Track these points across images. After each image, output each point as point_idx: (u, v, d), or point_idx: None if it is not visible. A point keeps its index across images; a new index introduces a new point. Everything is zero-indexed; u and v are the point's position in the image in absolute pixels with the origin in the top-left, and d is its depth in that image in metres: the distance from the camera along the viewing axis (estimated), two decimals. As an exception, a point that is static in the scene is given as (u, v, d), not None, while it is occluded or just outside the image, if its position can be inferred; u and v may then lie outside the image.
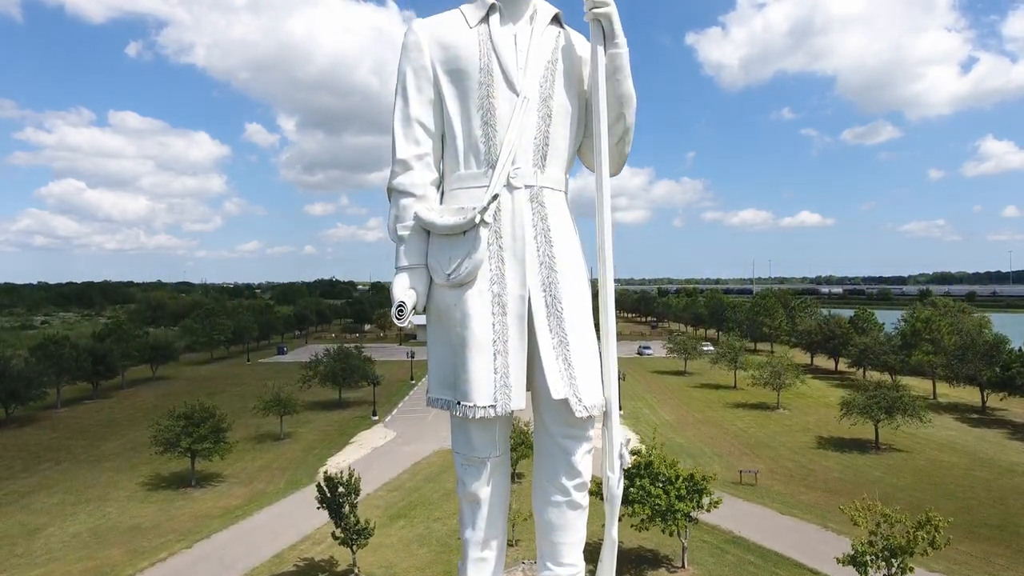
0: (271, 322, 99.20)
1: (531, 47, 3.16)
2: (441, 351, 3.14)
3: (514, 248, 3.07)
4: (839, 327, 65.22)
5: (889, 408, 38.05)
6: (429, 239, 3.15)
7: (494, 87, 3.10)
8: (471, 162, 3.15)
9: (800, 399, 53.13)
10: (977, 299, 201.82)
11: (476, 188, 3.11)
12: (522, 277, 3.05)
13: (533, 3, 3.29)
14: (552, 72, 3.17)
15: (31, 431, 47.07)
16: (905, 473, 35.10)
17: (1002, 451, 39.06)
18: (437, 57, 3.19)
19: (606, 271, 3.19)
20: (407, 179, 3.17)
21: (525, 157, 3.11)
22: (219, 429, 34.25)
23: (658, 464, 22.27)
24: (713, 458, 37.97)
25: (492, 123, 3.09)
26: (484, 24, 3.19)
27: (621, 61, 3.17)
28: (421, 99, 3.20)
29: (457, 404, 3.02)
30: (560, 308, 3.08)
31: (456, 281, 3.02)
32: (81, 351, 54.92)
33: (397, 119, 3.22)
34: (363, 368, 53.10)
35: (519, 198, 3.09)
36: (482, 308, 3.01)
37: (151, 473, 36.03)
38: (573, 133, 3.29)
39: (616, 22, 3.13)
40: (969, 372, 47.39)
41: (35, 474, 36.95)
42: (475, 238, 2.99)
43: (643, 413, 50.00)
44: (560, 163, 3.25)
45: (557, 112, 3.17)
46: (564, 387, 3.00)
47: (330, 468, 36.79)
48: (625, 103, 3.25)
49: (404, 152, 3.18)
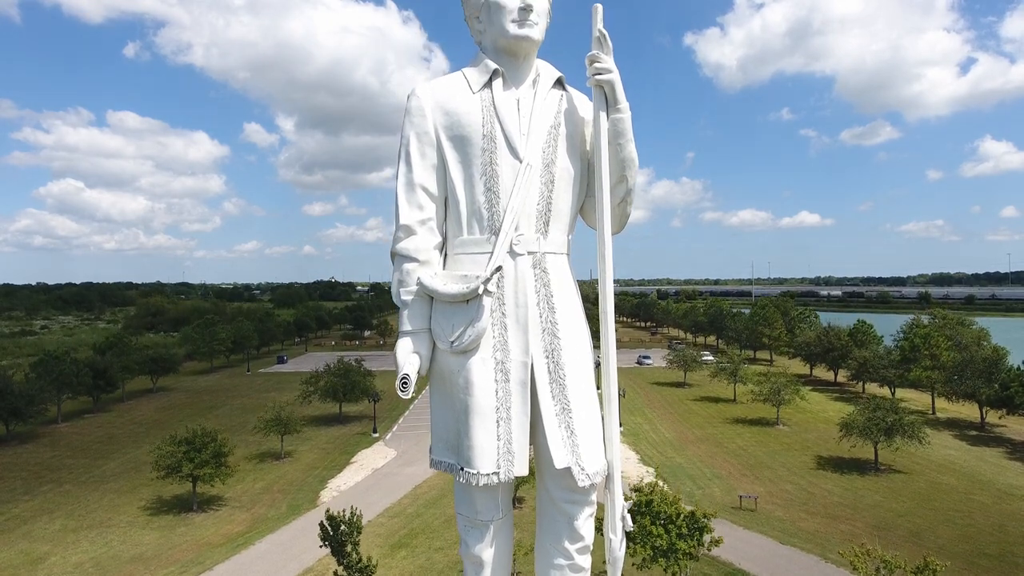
0: (271, 330, 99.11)
1: (534, 112, 3.19)
2: (444, 414, 3.19)
3: (517, 315, 3.11)
4: (838, 339, 65.31)
5: (888, 430, 38.16)
6: (432, 304, 3.19)
7: (497, 154, 3.13)
8: (474, 228, 3.18)
9: (799, 414, 53.25)
10: (976, 302, 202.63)
11: (479, 254, 3.15)
12: (525, 344, 3.09)
13: (536, 67, 3.33)
14: (555, 137, 3.21)
15: (32, 448, 47.12)
16: (904, 497, 35.21)
17: (1000, 472, 39.19)
18: (440, 122, 3.21)
19: (608, 337, 3.22)
20: (410, 244, 3.20)
21: (528, 223, 3.15)
22: (220, 453, 34.30)
23: (659, 503, 22.34)
24: (713, 480, 38.08)
25: (495, 190, 3.12)
26: (487, 89, 3.22)
27: (623, 126, 3.21)
28: (424, 164, 3.23)
29: (461, 470, 3.06)
30: (563, 375, 3.11)
31: (459, 349, 3.06)
32: (81, 366, 54.92)
33: (401, 184, 3.24)
34: (363, 384, 53.10)
35: (522, 265, 3.14)
36: (485, 376, 3.04)
37: (152, 496, 36.08)
38: (575, 196, 3.34)
39: (619, 89, 3.17)
40: (968, 389, 47.51)
41: (37, 496, 37.01)
42: (478, 306, 3.02)
43: (643, 429, 50.11)
44: (562, 227, 3.30)
45: (560, 177, 3.21)
46: (567, 455, 3.04)
47: (331, 490, 37.03)
48: (627, 166, 3.28)
49: (407, 218, 3.20)
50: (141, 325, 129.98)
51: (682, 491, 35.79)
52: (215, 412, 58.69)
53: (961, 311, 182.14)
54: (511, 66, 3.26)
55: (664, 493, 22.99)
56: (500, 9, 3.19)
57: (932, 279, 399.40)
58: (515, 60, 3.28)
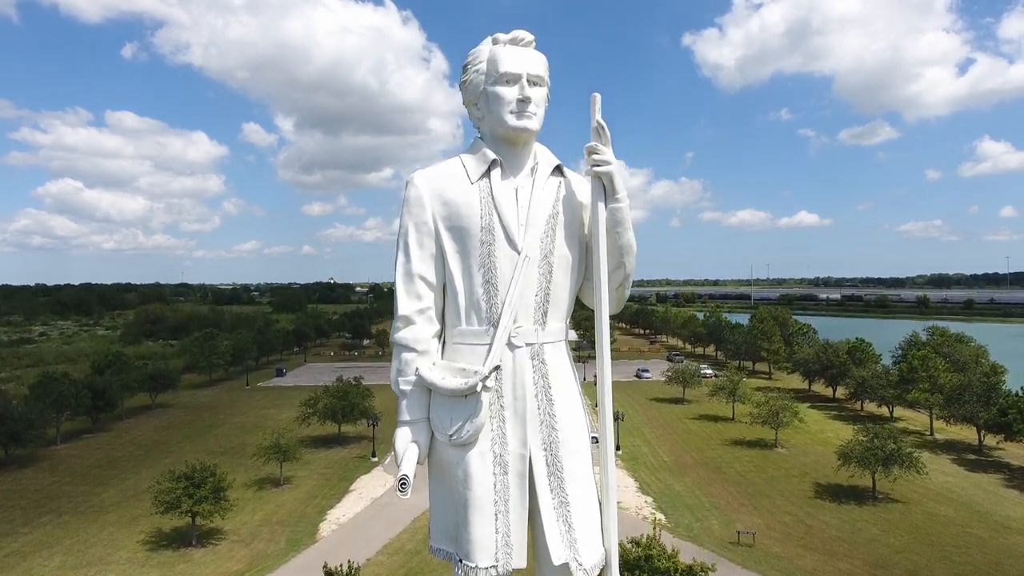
0: (270, 341, 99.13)
1: (532, 202, 3.20)
2: (443, 503, 3.22)
3: (515, 407, 3.14)
4: (836, 356, 65.40)
5: (886, 460, 38.25)
6: (431, 395, 3.21)
7: (495, 245, 3.15)
8: (472, 319, 3.19)
9: (798, 435, 53.29)
10: (975, 306, 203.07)
11: (478, 345, 3.17)
12: (523, 436, 3.12)
13: (534, 153, 3.35)
14: (553, 227, 3.23)
15: (31, 474, 47.15)
16: (902, 530, 35.31)
17: (998, 502, 39.30)
18: (439, 213, 3.23)
19: (606, 430, 3.22)
20: (409, 334, 3.22)
21: (526, 315, 3.17)
22: (219, 488, 34.35)
23: (657, 557, 22.41)
24: (711, 511, 38.17)
25: (494, 282, 3.14)
26: (486, 179, 3.23)
27: (621, 215, 3.23)
28: (423, 254, 3.25)
29: (459, 562, 3.09)
30: (561, 468, 3.14)
31: (458, 443, 3.09)
32: (80, 387, 54.94)
33: (399, 274, 3.27)
34: (362, 406, 53.17)
35: (520, 357, 3.16)
36: (483, 469, 3.07)
37: (151, 529, 36.09)
38: (573, 283, 3.37)
39: (617, 180, 3.19)
40: (966, 413, 47.65)
41: (36, 528, 37.04)
42: (476, 402, 3.04)
43: (642, 452, 50.21)
44: (560, 315, 3.32)
45: (558, 266, 3.24)
46: (564, 551, 3.07)
47: (330, 523, 37.11)
48: (625, 253, 3.31)
49: (406, 308, 3.22)
50: (140, 332, 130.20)
51: (680, 525, 36.07)
52: (214, 432, 58.75)
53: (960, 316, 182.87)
54: (509, 154, 3.28)
55: (662, 547, 23.03)
56: (498, 100, 3.20)
57: (931, 280, 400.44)
58: (513, 148, 3.29)
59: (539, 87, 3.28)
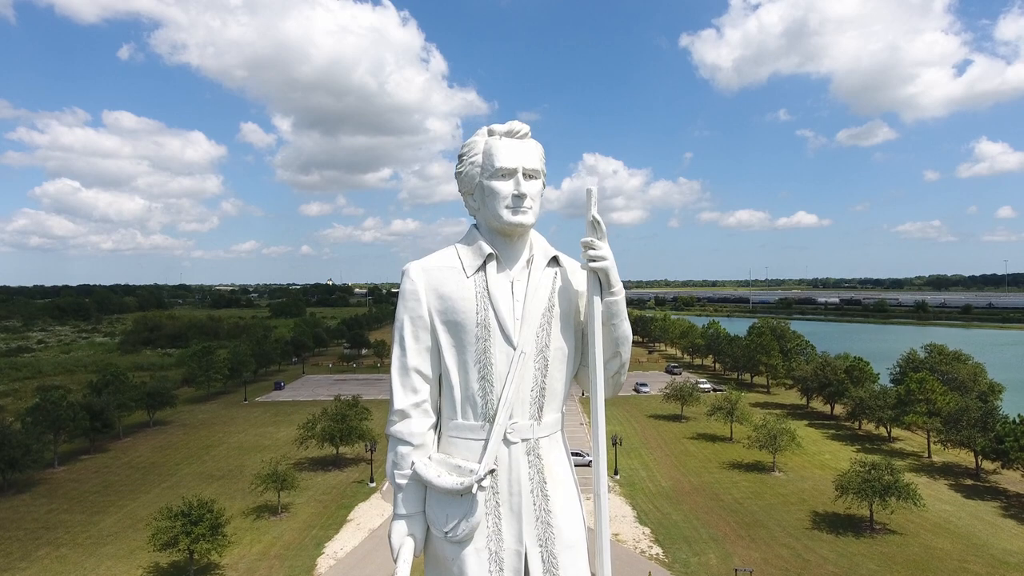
0: (268, 352, 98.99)
1: (528, 297, 3.22)
2: None
3: (511, 503, 3.16)
4: (834, 374, 65.44)
5: (883, 492, 38.28)
6: (427, 489, 3.21)
7: (491, 341, 3.15)
8: (468, 413, 3.20)
9: (795, 457, 53.28)
10: (974, 311, 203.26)
11: (473, 440, 3.17)
12: (518, 532, 3.14)
13: (530, 245, 3.36)
14: (549, 320, 3.24)
15: (28, 500, 47.07)
16: (899, 564, 35.32)
17: (995, 534, 39.33)
18: (435, 307, 3.24)
19: (602, 515, 3.24)
20: (405, 428, 3.23)
21: (522, 410, 3.18)
22: (217, 524, 34.28)
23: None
24: (709, 543, 38.17)
25: (489, 378, 3.15)
26: (481, 273, 3.24)
27: (617, 308, 3.25)
28: (419, 348, 3.26)
29: None
30: (556, 563, 3.16)
31: (454, 540, 3.09)
32: (78, 409, 54.85)
33: (395, 368, 3.28)
34: (360, 429, 53.17)
35: (516, 452, 3.17)
36: (479, 567, 3.08)
37: (149, 564, 36.00)
38: (569, 373, 3.38)
39: (613, 274, 3.21)
40: (963, 439, 47.70)
41: (33, 563, 36.96)
42: (472, 500, 3.05)
43: (640, 477, 50.19)
44: (556, 406, 3.34)
45: (554, 359, 3.25)
46: None
47: (328, 557, 37.08)
48: (621, 343, 3.33)
49: (401, 402, 3.24)
50: (138, 341, 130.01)
51: (678, 560, 36.07)
52: (211, 453, 58.69)
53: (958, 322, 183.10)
54: (505, 247, 3.29)
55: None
56: (494, 194, 3.22)
57: (929, 281, 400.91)
58: (509, 240, 3.31)
59: (535, 180, 3.29)
